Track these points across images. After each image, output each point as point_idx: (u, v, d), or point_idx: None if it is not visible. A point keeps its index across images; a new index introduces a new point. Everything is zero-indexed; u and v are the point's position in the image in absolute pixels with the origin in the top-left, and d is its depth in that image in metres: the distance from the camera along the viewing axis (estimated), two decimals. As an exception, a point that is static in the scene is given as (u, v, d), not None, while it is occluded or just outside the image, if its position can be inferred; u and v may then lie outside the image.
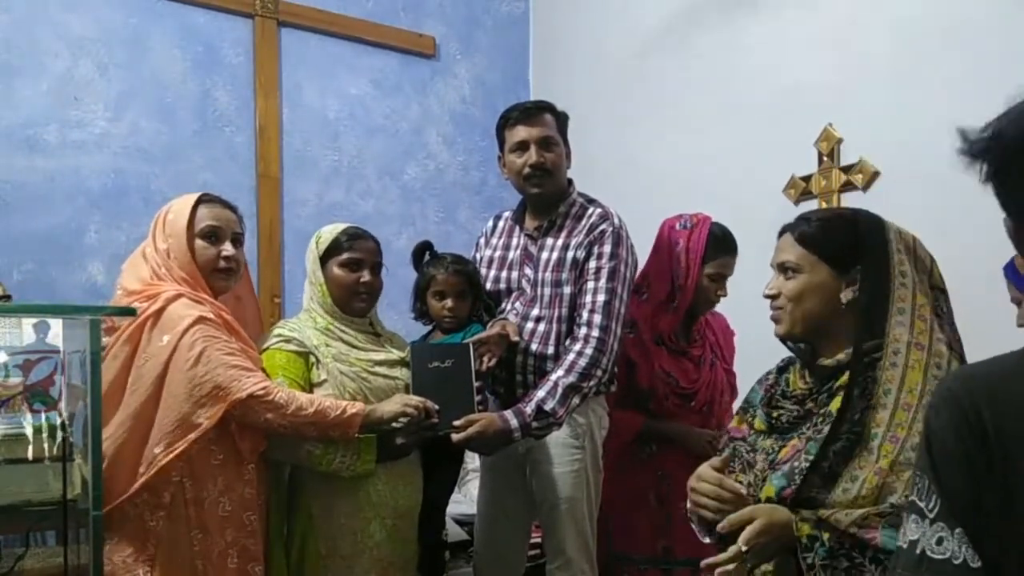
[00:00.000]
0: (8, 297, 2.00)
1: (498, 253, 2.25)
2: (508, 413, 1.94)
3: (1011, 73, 2.11)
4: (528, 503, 2.15)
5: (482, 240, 2.34)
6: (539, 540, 2.31)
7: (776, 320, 1.38)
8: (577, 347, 1.99)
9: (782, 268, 1.37)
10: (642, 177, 3.27)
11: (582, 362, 1.97)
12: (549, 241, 2.13)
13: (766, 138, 2.79)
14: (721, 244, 2.21)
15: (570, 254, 2.07)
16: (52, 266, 2.93)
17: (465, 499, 2.97)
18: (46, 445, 1.85)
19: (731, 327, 2.41)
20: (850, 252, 1.31)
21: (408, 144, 3.73)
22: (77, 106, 3.01)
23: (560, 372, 1.97)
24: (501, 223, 2.30)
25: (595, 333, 1.99)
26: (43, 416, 1.91)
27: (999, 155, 0.78)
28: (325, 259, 1.95)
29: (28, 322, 2.03)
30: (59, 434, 1.85)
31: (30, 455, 1.82)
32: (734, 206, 2.66)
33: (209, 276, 1.83)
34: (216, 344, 1.71)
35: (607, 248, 2.04)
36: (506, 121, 2.15)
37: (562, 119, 2.16)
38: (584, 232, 2.08)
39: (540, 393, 1.95)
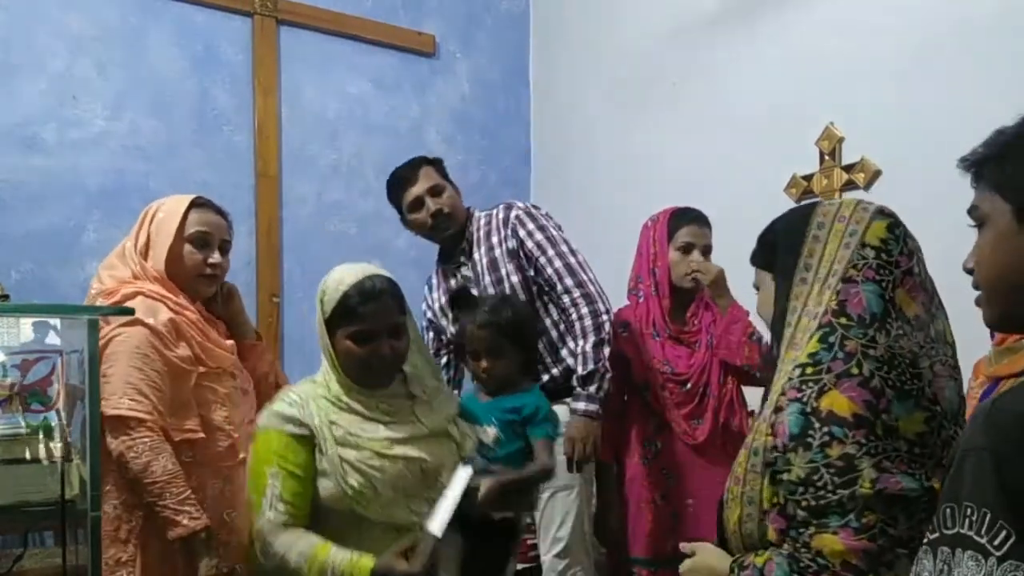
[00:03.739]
0: (6, 297, 2.00)
1: (444, 298, 2.35)
2: (574, 404, 2.04)
3: (1013, 72, 2.10)
4: None
5: (424, 304, 2.41)
6: (535, 542, 2.31)
7: None
8: (574, 314, 2.11)
9: (757, 291, 1.32)
10: (643, 175, 3.26)
11: (588, 321, 2.08)
12: (474, 257, 2.24)
13: (767, 137, 2.79)
14: (680, 217, 2.26)
15: (498, 251, 2.20)
16: (50, 266, 2.92)
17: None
18: (44, 445, 1.84)
19: (741, 307, 2.37)
20: (772, 255, 1.22)
21: (408, 143, 3.70)
22: (75, 105, 2.99)
23: (579, 342, 2.08)
24: (433, 280, 2.41)
25: (576, 292, 2.12)
26: (41, 416, 1.91)
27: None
28: (331, 326, 1.56)
29: (26, 322, 2.02)
30: (57, 434, 1.85)
31: (28, 455, 1.82)
32: (735, 205, 2.65)
33: (192, 281, 1.83)
34: (132, 353, 1.70)
35: (530, 225, 2.18)
36: (393, 187, 2.31)
37: (439, 165, 2.29)
38: (499, 228, 2.21)
39: (577, 369, 2.06)
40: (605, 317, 2.10)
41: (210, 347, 1.82)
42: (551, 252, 2.15)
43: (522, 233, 2.17)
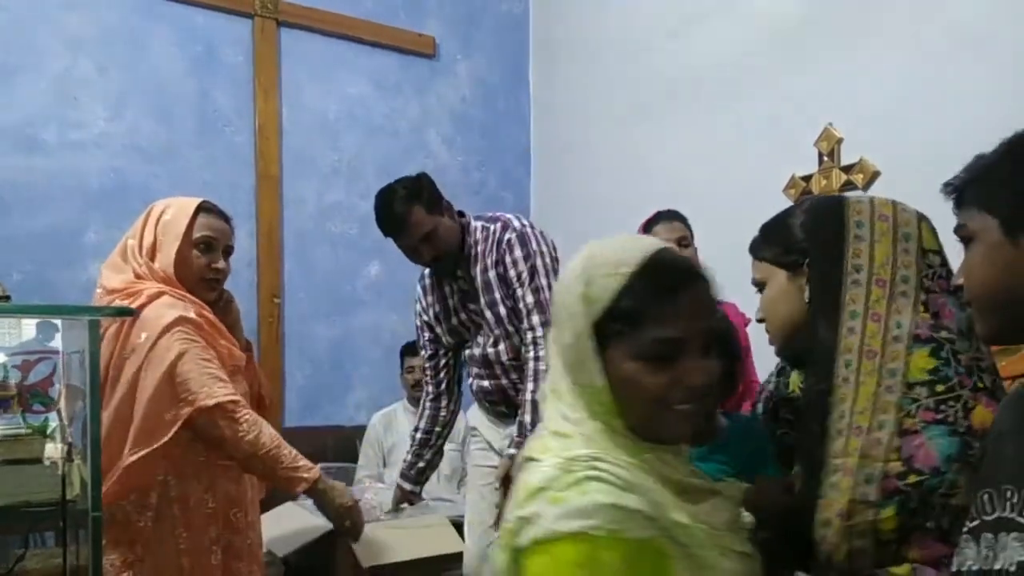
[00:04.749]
0: (7, 297, 2.00)
1: (438, 306, 2.33)
2: (509, 451, 2.05)
3: (1011, 74, 2.11)
4: None
5: (419, 306, 2.40)
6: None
7: (770, 342, 1.27)
8: (530, 353, 2.10)
9: (756, 287, 1.25)
10: (642, 176, 3.26)
11: (541, 366, 2.05)
12: (472, 272, 2.24)
13: (767, 137, 2.79)
14: (652, 221, 2.31)
15: (491, 274, 2.19)
16: (51, 266, 2.93)
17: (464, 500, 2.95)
18: (45, 446, 1.84)
19: (743, 314, 2.37)
20: (797, 247, 1.14)
21: (408, 144, 3.72)
22: (76, 106, 3.00)
23: (530, 386, 2.07)
24: (426, 282, 2.39)
25: (539, 332, 2.09)
26: (42, 417, 1.91)
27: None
28: (605, 335, 0.88)
29: (29, 322, 2.02)
30: (58, 435, 1.85)
31: (29, 456, 1.82)
32: (734, 206, 2.65)
33: (196, 284, 1.83)
34: (194, 348, 1.70)
35: (518, 253, 2.15)
36: (381, 228, 2.23)
37: (423, 196, 2.17)
38: (493, 250, 2.20)
39: (524, 417, 2.06)
40: None
41: (228, 345, 1.83)
42: (527, 286, 2.13)
43: (508, 260, 2.16)
